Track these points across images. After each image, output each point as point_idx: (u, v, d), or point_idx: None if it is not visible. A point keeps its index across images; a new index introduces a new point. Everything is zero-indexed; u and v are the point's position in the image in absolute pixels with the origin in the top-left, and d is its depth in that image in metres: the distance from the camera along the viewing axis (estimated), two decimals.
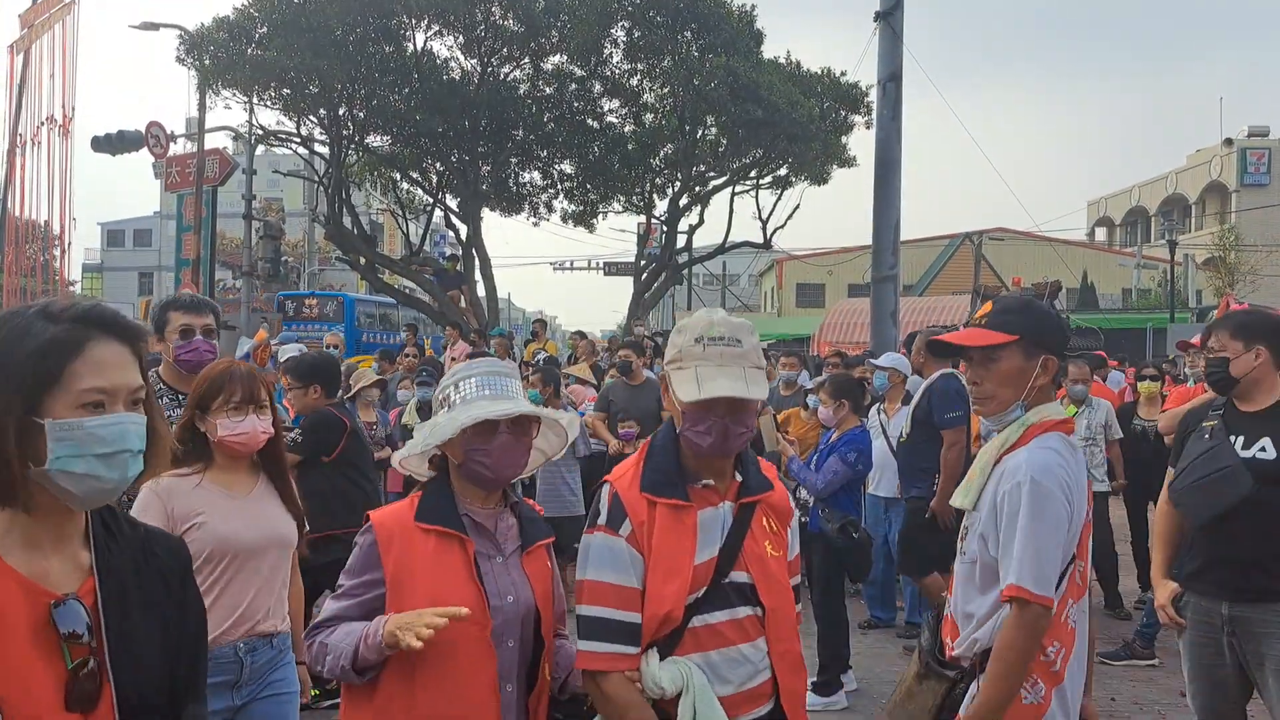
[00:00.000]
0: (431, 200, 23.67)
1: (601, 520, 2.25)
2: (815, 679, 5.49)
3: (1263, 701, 3.47)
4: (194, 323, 3.64)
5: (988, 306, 2.72)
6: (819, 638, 5.66)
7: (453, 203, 23.17)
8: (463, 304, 21.28)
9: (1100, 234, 52.84)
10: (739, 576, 2.26)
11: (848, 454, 5.73)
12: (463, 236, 22.66)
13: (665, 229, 23.21)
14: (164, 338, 3.66)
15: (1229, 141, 42.67)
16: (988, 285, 16.44)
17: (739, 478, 2.34)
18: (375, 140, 21.96)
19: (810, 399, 7.21)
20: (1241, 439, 3.46)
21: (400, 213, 24.92)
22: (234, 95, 19.72)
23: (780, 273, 45.69)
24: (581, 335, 14.22)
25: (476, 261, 21.82)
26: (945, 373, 6.01)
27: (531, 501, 2.85)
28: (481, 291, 22.57)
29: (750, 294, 53.52)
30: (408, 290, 25.07)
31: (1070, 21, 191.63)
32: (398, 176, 23.60)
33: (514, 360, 9.95)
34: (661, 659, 2.19)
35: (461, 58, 20.75)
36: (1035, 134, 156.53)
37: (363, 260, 22.58)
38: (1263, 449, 3.41)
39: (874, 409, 7.15)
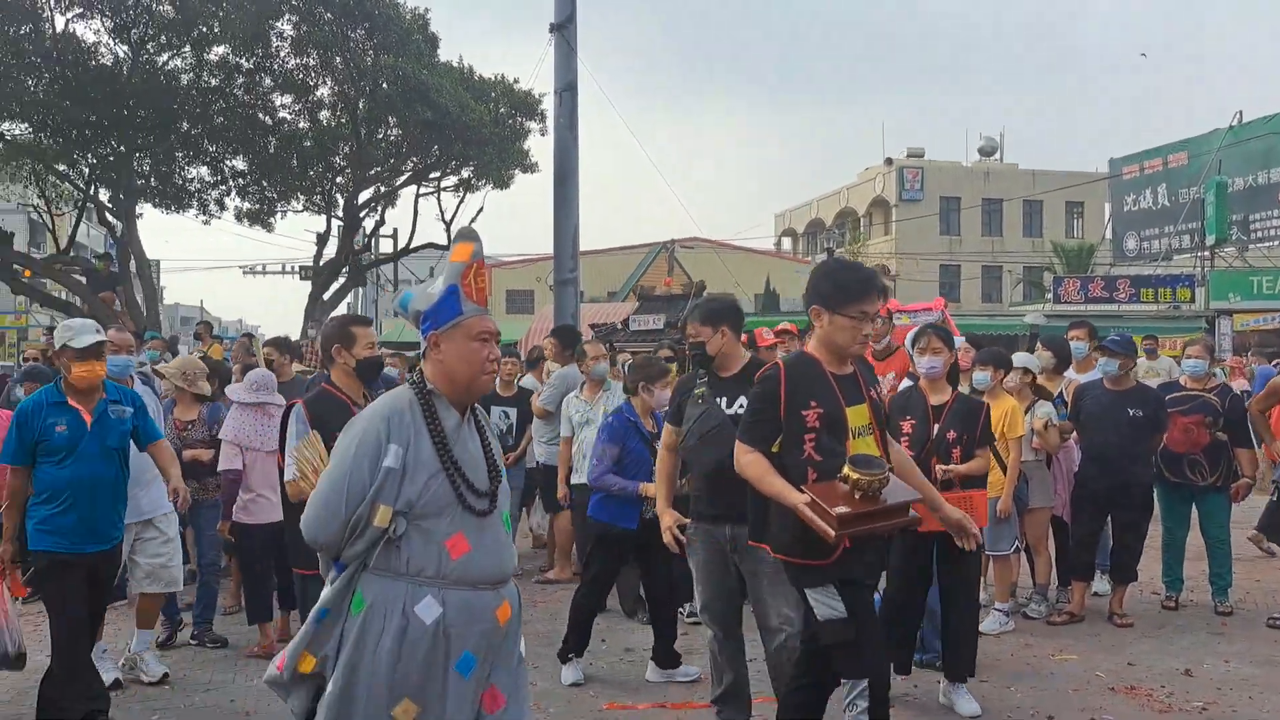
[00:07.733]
0: (83, 195, 21.85)
1: None
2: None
3: (752, 607, 4.14)
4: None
5: None
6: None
7: (106, 198, 21.50)
8: (117, 307, 19.75)
9: (786, 244, 56.99)
10: None
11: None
12: (117, 234, 21.09)
13: (342, 229, 22.76)
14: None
15: (889, 161, 47.35)
16: (644, 285, 17.45)
17: None
18: (12, 129, 19.99)
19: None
20: (725, 399, 4.26)
21: (44, 209, 22.79)
22: None
23: (489, 278, 45.78)
24: (250, 336, 13.98)
25: (133, 261, 20.39)
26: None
27: None
28: (141, 294, 21.11)
29: None
30: (58, 297, 22.97)
31: (752, 57, 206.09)
32: (42, 168, 21.57)
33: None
34: None
35: (111, 43, 19.37)
36: (729, 152, 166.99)
37: None
38: (741, 405, 4.12)
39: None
